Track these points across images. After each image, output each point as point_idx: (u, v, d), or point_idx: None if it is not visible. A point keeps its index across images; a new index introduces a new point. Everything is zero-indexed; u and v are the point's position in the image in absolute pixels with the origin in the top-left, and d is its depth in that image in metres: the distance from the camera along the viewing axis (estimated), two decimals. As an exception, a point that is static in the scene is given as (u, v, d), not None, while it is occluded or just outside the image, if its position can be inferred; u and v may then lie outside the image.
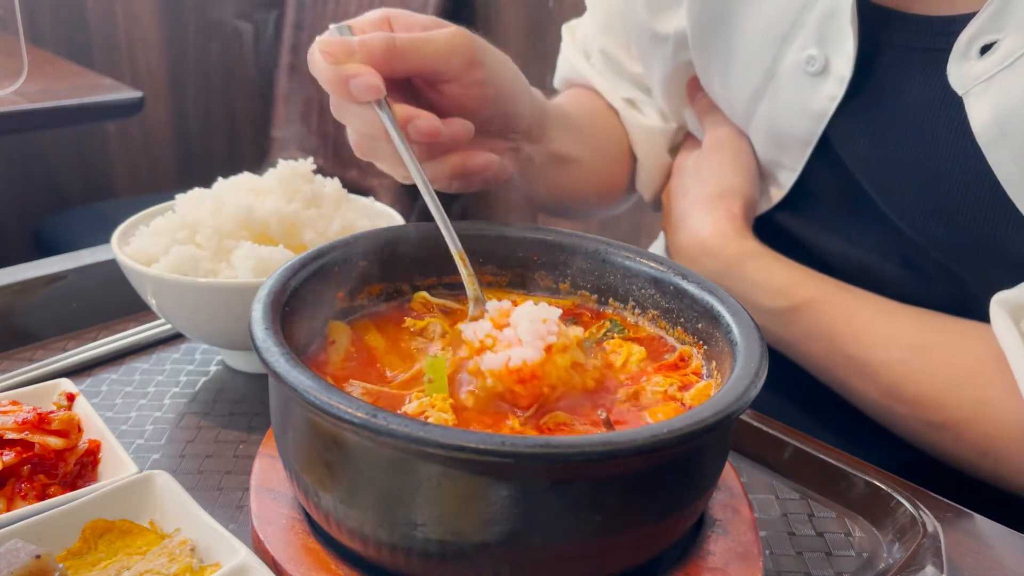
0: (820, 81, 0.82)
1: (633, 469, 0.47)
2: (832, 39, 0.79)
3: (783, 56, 0.83)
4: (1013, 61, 0.69)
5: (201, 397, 0.78)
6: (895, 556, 0.62)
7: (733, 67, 0.89)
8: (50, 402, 0.67)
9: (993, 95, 0.70)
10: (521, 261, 0.72)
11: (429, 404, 0.56)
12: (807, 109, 0.84)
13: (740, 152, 0.94)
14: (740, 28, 0.86)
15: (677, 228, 0.95)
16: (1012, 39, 0.69)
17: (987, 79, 0.70)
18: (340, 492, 0.49)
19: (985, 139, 0.71)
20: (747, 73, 0.88)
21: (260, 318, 0.54)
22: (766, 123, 0.90)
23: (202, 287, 0.71)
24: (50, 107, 1.69)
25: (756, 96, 0.88)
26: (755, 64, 0.86)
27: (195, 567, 0.53)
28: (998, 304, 0.74)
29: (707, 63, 0.92)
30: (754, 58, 0.86)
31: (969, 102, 0.72)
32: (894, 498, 0.65)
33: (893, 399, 0.79)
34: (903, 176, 0.81)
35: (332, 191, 0.83)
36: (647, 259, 0.67)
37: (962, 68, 0.72)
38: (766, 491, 0.69)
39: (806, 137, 0.85)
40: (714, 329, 0.61)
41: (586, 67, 1.09)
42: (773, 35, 0.83)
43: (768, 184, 0.94)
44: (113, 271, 0.77)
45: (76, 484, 0.61)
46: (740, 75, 0.89)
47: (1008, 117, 0.70)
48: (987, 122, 0.71)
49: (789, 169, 0.90)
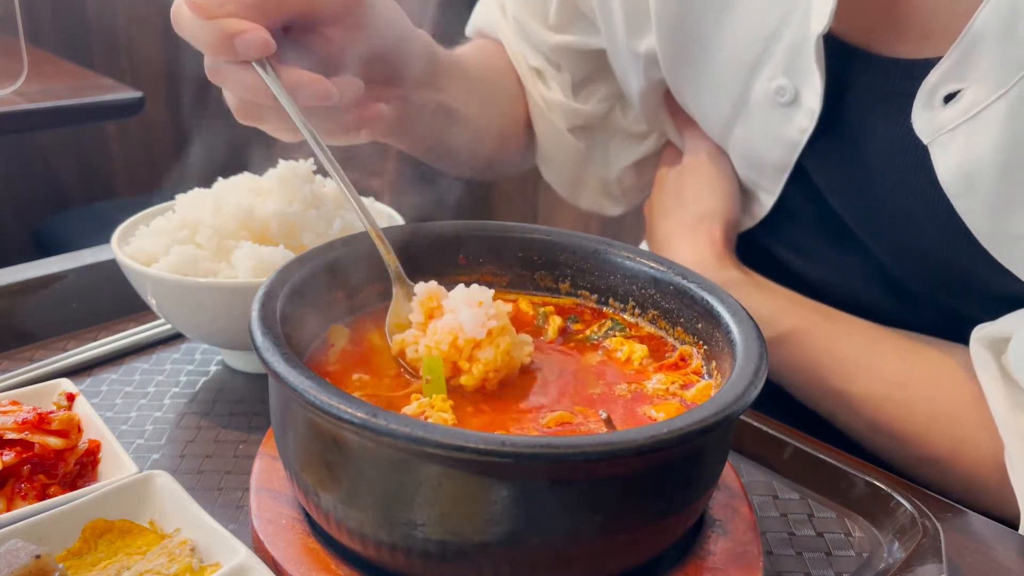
0: (791, 112, 0.80)
1: (633, 469, 0.47)
2: (801, 72, 0.77)
3: (753, 84, 0.82)
4: (977, 113, 0.67)
5: (201, 397, 0.78)
6: (895, 556, 0.62)
7: (705, 92, 0.88)
8: (50, 402, 0.67)
9: (959, 146, 0.69)
10: (521, 261, 0.72)
11: (428, 404, 0.56)
12: (780, 138, 0.82)
13: (720, 173, 0.93)
14: (710, 53, 0.84)
15: (660, 253, 0.93)
16: (975, 89, 0.67)
17: (952, 129, 0.69)
18: (340, 492, 0.49)
19: (952, 190, 0.70)
20: (719, 99, 0.86)
21: (260, 318, 0.54)
22: (741, 147, 0.88)
23: (202, 287, 0.71)
24: (50, 107, 1.69)
25: (730, 121, 0.87)
26: (726, 91, 0.85)
27: (195, 567, 0.53)
28: (978, 340, 0.73)
29: (679, 85, 0.91)
30: (725, 85, 0.84)
31: (935, 152, 0.70)
32: (894, 498, 0.65)
33: (878, 433, 0.79)
34: (876, 212, 0.80)
35: (332, 192, 0.83)
36: (647, 259, 0.67)
37: (927, 116, 0.70)
38: (766, 491, 0.69)
39: (780, 164, 0.84)
40: (714, 329, 0.61)
41: (501, 23, 1.05)
42: (743, 63, 0.81)
43: (750, 201, 0.93)
44: (113, 271, 0.77)
45: (76, 484, 0.61)
46: (712, 100, 0.88)
47: (974, 169, 0.68)
48: (953, 173, 0.69)
49: (767, 191, 0.89)
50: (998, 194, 0.68)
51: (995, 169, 0.67)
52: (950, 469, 0.75)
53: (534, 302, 0.71)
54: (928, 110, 0.70)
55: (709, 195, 0.92)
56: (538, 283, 0.72)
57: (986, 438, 0.72)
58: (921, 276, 0.81)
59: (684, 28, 0.85)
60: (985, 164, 0.67)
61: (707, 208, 0.91)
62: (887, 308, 0.83)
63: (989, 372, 0.72)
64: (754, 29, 0.79)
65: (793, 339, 0.82)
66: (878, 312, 0.83)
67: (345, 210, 0.82)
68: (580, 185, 1.12)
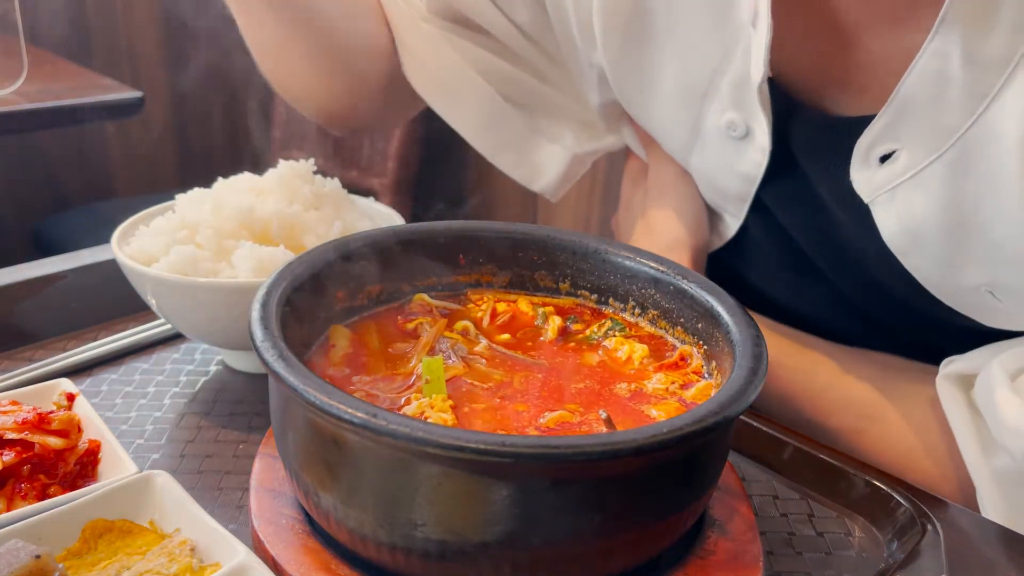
0: (745, 146, 0.78)
1: (633, 469, 0.47)
2: (748, 109, 0.75)
3: (705, 116, 0.79)
4: (913, 174, 0.65)
5: (201, 397, 0.78)
6: (895, 556, 0.62)
7: (657, 118, 0.85)
8: (50, 402, 0.67)
9: (898, 206, 0.67)
10: (521, 261, 0.72)
11: (428, 405, 0.56)
12: (736, 170, 0.80)
13: (685, 200, 0.90)
14: (659, 82, 0.81)
15: None
16: (910, 151, 0.65)
17: (890, 189, 0.67)
18: (340, 492, 0.49)
19: (897, 247, 0.69)
20: (674, 127, 0.84)
21: (260, 318, 0.54)
22: (700, 174, 0.86)
23: (202, 287, 0.71)
24: (50, 107, 1.69)
25: (686, 148, 0.84)
26: (680, 120, 0.82)
27: (195, 567, 0.53)
28: (945, 377, 0.72)
29: (632, 107, 0.88)
30: (677, 114, 0.82)
31: (875, 210, 0.69)
32: (894, 498, 0.65)
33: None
34: (836, 251, 0.79)
35: (332, 192, 0.83)
36: (647, 259, 0.67)
37: (865, 176, 0.69)
38: (766, 491, 0.69)
39: (740, 195, 0.82)
40: (714, 329, 0.61)
41: None
42: (691, 94, 0.79)
43: (717, 221, 0.91)
44: (113, 271, 0.77)
45: (76, 484, 0.61)
46: (666, 128, 0.85)
47: (917, 228, 0.67)
48: (896, 232, 0.68)
49: (732, 215, 0.87)
50: (944, 251, 0.67)
51: (937, 228, 0.66)
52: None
53: (534, 302, 0.71)
54: (865, 169, 0.69)
55: (675, 223, 0.89)
56: (538, 283, 0.72)
57: (956, 476, 0.72)
58: (886, 312, 0.80)
59: (631, 56, 0.82)
60: (927, 223, 0.66)
61: (674, 238, 0.88)
62: (857, 334, 0.83)
63: (957, 411, 0.71)
64: (698, 61, 0.77)
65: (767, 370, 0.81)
66: (848, 335, 0.82)
67: (346, 212, 0.82)
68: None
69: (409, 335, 0.66)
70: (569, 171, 1.01)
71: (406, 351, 0.64)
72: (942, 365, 0.73)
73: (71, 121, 2.03)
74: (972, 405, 0.70)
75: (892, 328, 0.82)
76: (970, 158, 0.62)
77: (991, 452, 0.68)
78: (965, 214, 0.64)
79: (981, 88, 0.60)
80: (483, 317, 0.69)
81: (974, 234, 0.65)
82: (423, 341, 0.64)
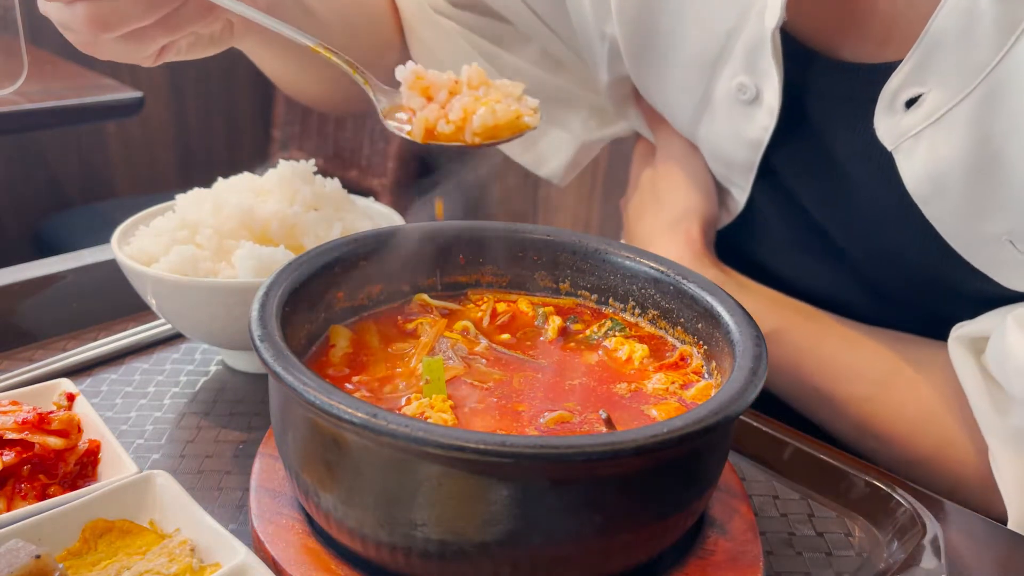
0: (753, 110, 0.78)
1: (633, 469, 0.47)
2: (760, 69, 0.76)
3: (716, 82, 0.81)
4: (940, 117, 0.66)
5: (201, 397, 0.78)
6: (895, 556, 0.62)
7: (669, 90, 0.87)
8: (50, 402, 0.67)
9: (923, 151, 0.68)
10: (521, 261, 0.72)
11: (428, 405, 0.56)
12: (743, 137, 0.81)
13: (695, 171, 0.91)
14: (673, 51, 0.83)
15: None
16: (937, 93, 0.66)
17: (915, 135, 0.67)
18: (340, 492, 0.49)
19: (919, 195, 0.69)
20: (683, 97, 0.85)
21: (260, 318, 0.54)
22: (708, 145, 0.88)
23: (202, 287, 0.71)
24: (50, 107, 1.69)
25: (695, 119, 0.86)
26: (690, 89, 0.83)
27: (195, 567, 0.53)
28: (956, 340, 0.72)
29: (643, 82, 0.90)
30: (689, 82, 0.83)
31: (899, 158, 0.69)
32: (894, 498, 0.65)
33: (864, 435, 0.79)
34: (846, 215, 0.79)
35: (332, 192, 0.83)
36: (647, 259, 0.67)
37: (889, 122, 0.69)
38: (766, 491, 0.69)
39: (746, 164, 0.83)
40: (714, 329, 0.61)
41: None
42: (705, 60, 0.80)
43: (725, 197, 0.92)
44: (113, 271, 0.77)
45: (76, 484, 0.61)
46: (677, 98, 0.86)
47: (940, 174, 0.67)
48: (920, 179, 0.69)
49: (739, 187, 0.88)
50: (967, 197, 0.67)
51: (962, 172, 0.66)
52: (935, 471, 0.75)
53: (534, 302, 0.71)
54: (890, 116, 0.69)
55: (684, 194, 0.90)
56: (538, 283, 0.72)
57: (969, 439, 0.72)
58: (896, 278, 0.80)
59: (646, 24, 0.83)
60: (952, 168, 0.66)
61: (684, 207, 0.90)
62: (865, 308, 0.83)
63: (969, 373, 0.71)
64: (714, 24, 0.78)
65: (775, 339, 0.81)
66: (857, 312, 0.82)
67: (346, 212, 0.82)
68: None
69: (409, 335, 0.66)
70: (576, 158, 1.03)
71: (406, 351, 0.64)
72: (953, 329, 0.73)
73: (71, 121, 2.03)
74: (983, 368, 0.71)
75: (901, 301, 0.82)
76: (998, 95, 0.63)
77: (1004, 411, 0.68)
78: (991, 155, 0.65)
79: (1012, 19, 0.61)
80: (483, 317, 0.69)
81: (999, 176, 0.65)
82: (423, 341, 0.64)
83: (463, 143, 0.61)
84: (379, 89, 0.65)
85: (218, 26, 0.74)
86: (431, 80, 0.62)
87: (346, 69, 0.64)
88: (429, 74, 0.62)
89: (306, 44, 0.64)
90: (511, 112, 0.60)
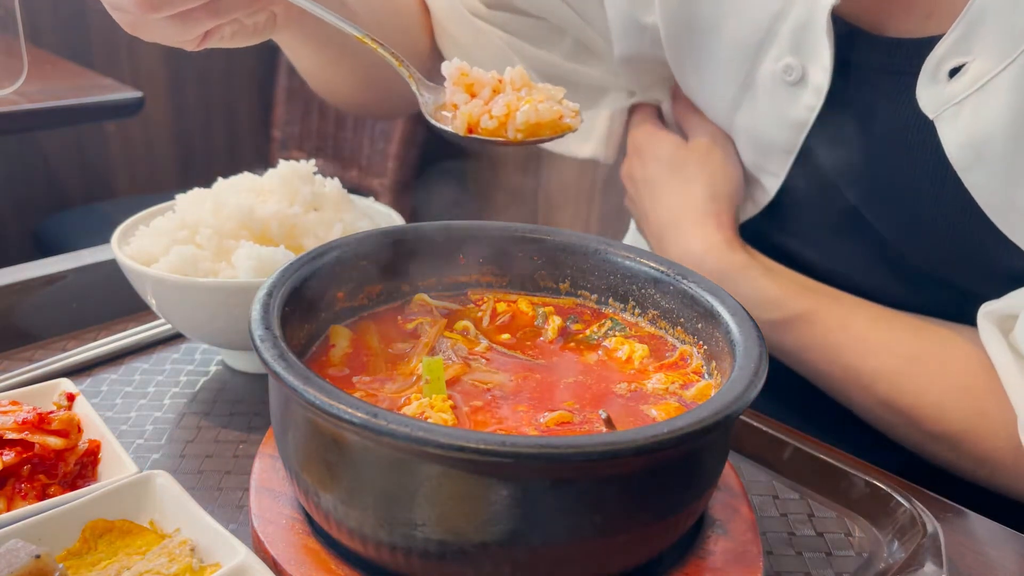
0: (798, 91, 0.80)
1: (633, 469, 0.47)
2: (808, 50, 0.78)
3: (759, 66, 0.82)
4: (984, 84, 0.67)
5: (201, 397, 0.78)
6: (895, 556, 0.62)
7: (708, 75, 0.88)
8: (50, 402, 0.67)
9: (965, 119, 0.69)
10: (521, 261, 0.72)
11: (428, 405, 0.56)
12: (786, 118, 0.82)
13: (728, 156, 0.92)
14: (714, 36, 0.84)
15: (663, 238, 0.93)
16: (981, 61, 0.67)
17: (958, 103, 0.69)
18: (340, 492, 0.49)
19: (960, 163, 0.70)
20: (724, 83, 0.86)
21: (260, 318, 0.54)
22: (746, 131, 0.88)
23: (202, 287, 0.71)
24: (50, 107, 1.69)
25: (734, 105, 0.87)
26: (731, 74, 0.85)
27: (195, 567, 0.53)
28: (985, 317, 0.73)
29: (682, 66, 0.91)
30: (730, 68, 0.84)
31: (941, 126, 0.71)
32: (894, 498, 0.65)
33: (891, 410, 0.79)
34: (882, 190, 0.80)
35: (332, 192, 0.83)
36: (647, 259, 0.67)
37: (932, 91, 0.71)
38: (766, 491, 0.69)
39: (787, 146, 0.84)
40: (714, 329, 0.61)
41: None
42: (748, 45, 0.82)
43: (754, 188, 0.93)
44: (113, 271, 0.77)
45: (76, 484, 0.61)
46: (717, 84, 0.87)
47: (982, 141, 0.68)
48: (961, 146, 0.70)
49: (773, 175, 0.88)
50: (1007, 164, 0.68)
51: (1004, 139, 0.67)
52: (965, 444, 0.75)
53: (534, 302, 0.71)
54: (933, 85, 0.71)
55: (721, 178, 0.91)
56: (538, 283, 0.72)
57: (1001, 411, 0.72)
58: (927, 253, 0.81)
59: (689, 11, 0.85)
60: (994, 134, 0.68)
61: (716, 191, 0.90)
62: (892, 292, 0.84)
63: (999, 349, 0.72)
64: (759, 10, 0.80)
65: (804, 319, 0.82)
66: (885, 296, 0.83)
67: (346, 212, 0.82)
68: None
69: (409, 335, 0.66)
70: (611, 128, 1.04)
71: (406, 351, 0.64)
72: (982, 307, 0.74)
73: (71, 121, 2.03)
74: (1012, 346, 0.71)
75: (930, 282, 0.82)
76: None
77: None
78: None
79: None
80: (483, 317, 0.69)
81: None
82: (423, 341, 0.64)
83: (505, 139, 0.62)
84: (423, 84, 0.66)
85: (262, 17, 0.75)
86: (475, 77, 0.63)
87: (391, 62, 0.65)
88: (473, 71, 0.63)
89: (353, 34, 0.65)
90: (554, 112, 0.61)
